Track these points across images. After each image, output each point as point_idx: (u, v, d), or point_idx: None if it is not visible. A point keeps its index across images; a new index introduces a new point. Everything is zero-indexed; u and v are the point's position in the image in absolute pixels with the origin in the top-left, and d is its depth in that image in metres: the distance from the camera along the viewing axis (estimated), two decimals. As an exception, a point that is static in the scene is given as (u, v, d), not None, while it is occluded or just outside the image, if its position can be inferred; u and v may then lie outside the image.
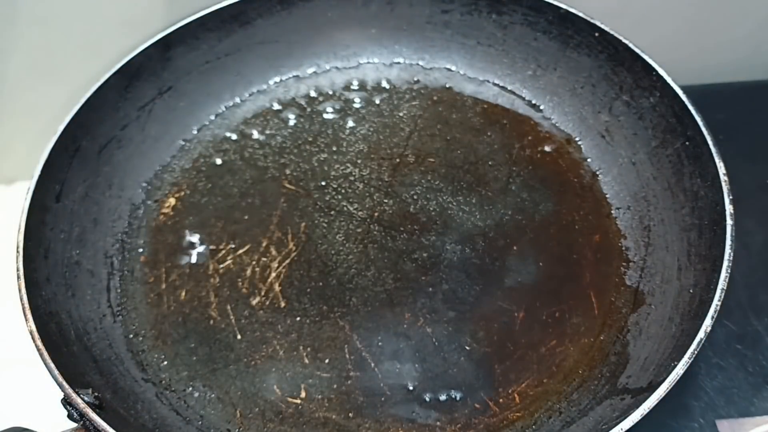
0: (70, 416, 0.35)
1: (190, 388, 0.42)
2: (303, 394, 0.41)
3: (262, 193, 0.50)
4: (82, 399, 0.35)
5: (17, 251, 0.40)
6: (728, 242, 0.38)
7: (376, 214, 0.48)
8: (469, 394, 0.41)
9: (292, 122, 0.53)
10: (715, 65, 0.62)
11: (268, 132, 0.53)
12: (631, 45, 0.47)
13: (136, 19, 0.52)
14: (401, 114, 0.53)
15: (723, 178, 0.41)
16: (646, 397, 0.34)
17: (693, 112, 0.44)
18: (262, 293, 0.45)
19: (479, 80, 0.54)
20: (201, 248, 0.47)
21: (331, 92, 0.55)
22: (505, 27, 0.53)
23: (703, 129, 0.43)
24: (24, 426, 0.36)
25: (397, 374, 0.41)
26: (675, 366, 0.34)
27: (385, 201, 0.49)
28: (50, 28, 0.52)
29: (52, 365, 0.36)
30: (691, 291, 0.40)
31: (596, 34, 0.49)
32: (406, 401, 0.41)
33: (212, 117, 0.54)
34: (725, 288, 0.37)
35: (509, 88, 0.54)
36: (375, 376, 0.41)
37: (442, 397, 0.41)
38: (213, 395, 0.41)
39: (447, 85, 0.55)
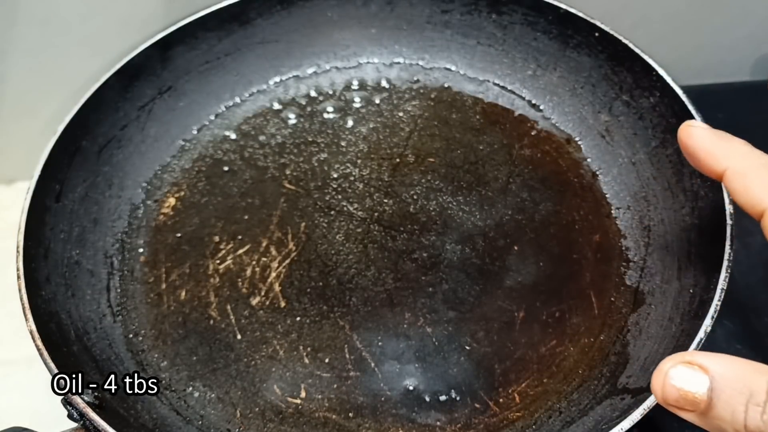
0: (70, 416, 0.35)
1: (190, 388, 0.42)
2: (303, 394, 0.41)
3: (262, 193, 0.50)
4: (82, 399, 0.35)
5: (17, 251, 0.40)
6: (728, 242, 0.38)
7: (376, 214, 0.48)
8: (469, 394, 0.41)
9: (292, 122, 0.53)
10: (715, 65, 0.62)
11: (268, 132, 0.53)
12: (631, 45, 0.47)
13: (136, 19, 0.52)
14: (401, 114, 0.53)
15: (723, 178, 0.40)
16: (646, 397, 0.34)
17: (693, 112, 0.44)
18: (262, 293, 0.45)
19: (479, 80, 0.54)
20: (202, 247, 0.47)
21: (331, 92, 0.55)
22: (505, 27, 0.53)
23: (703, 129, 0.43)
24: (24, 426, 0.36)
25: (397, 374, 0.41)
26: (675, 366, 0.34)
27: (385, 201, 0.49)
28: (50, 28, 0.52)
29: (52, 365, 0.36)
30: (691, 291, 0.40)
31: (596, 34, 0.49)
32: (406, 401, 0.41)
33: (212, 117, 0.54)
34: (725, 288, 0.37)
35: (509, 88, 0.54)
36: (375, 376, 0.41)
37: (442, 397, 0.41)
38: (213, 395, 0.41)
39: (447, 85, 0.55)
